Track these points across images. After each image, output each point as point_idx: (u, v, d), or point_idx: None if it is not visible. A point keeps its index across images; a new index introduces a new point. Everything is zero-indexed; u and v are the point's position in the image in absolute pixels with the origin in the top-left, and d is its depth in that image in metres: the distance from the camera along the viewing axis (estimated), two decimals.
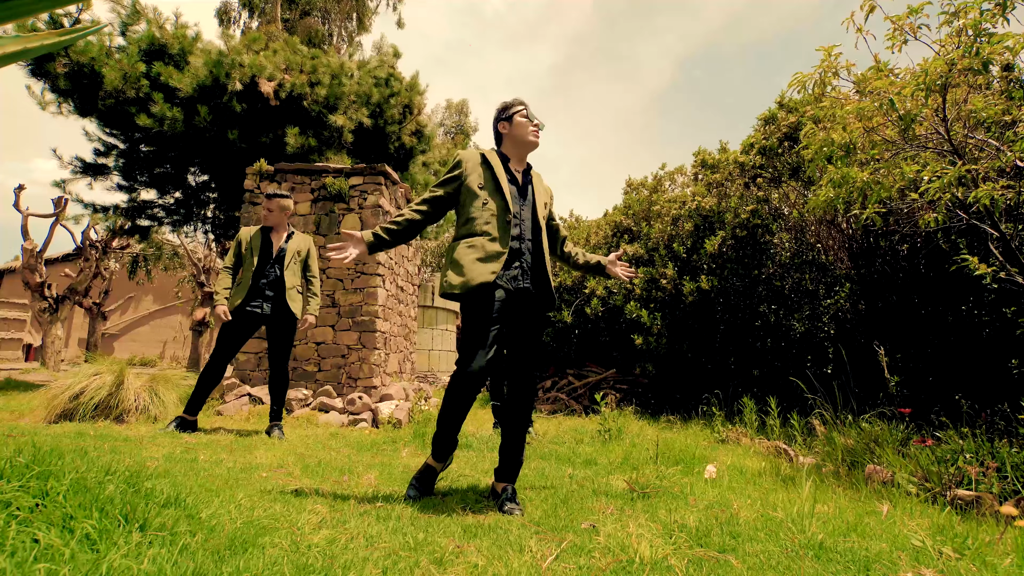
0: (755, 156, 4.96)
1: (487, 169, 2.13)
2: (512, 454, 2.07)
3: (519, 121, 2.19)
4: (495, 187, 2.10)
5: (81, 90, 6.42)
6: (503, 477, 2.06)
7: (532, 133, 2.20)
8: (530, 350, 2.11)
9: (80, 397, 4.24)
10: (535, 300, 2.12)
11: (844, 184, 2.80)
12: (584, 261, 2.37)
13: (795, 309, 5.04)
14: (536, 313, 2.13)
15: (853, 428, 3.18)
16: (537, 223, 2.16)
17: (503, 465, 2.08)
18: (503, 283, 2.02)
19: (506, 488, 2.00)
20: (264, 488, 1.97)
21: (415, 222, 2.15)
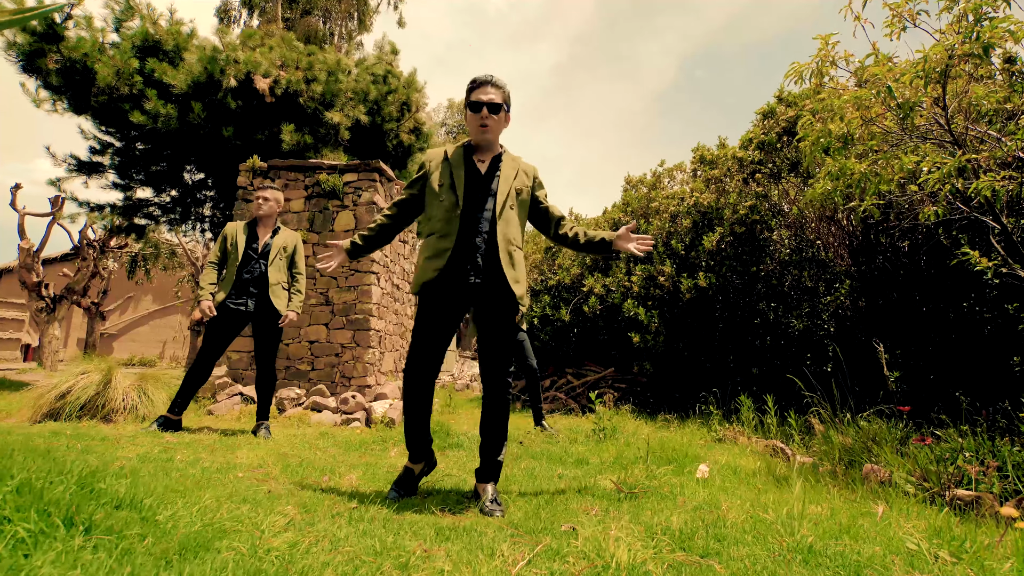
0: (753, 151, 4.87)
1: (447, 165, 2.07)
2: (490, 454, 2.01)
3: (468, 115, 2.08)
4: (451, 183, 2.05)
5: (74, 87, 6.38)
6: (483, 477, 2.01)
7: (479, 130, 2.04)
8: (492, 347, 2.02)
9: (67, 396, 4.19)
10: (489, 296, 2.00)
11: (842, 176, 2.72)
12: (587, 240, 2.14)
13: (794, 307, 4.95)
14: (493, 309, 2.01)
15: (851, 427, 3.10)
16: (501, 212, 2.02)
17: (482, 465, 2.03)
18: (447, 280, 1.98)
19: (487, 488, 1.94)
20: (236, 489, 1.90)
21: (385, 227, 2.21)
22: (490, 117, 2.02)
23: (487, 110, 2.01)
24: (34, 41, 5.87)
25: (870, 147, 2.67)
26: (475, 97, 2.03)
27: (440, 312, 2.01)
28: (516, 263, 2.02)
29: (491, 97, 2.02)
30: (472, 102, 2.04)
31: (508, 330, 2.04)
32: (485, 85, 2.03)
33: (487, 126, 2.03)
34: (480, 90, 2.03)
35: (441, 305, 2.01)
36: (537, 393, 4.24)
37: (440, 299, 2.01)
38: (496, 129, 2.06)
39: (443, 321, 2.01)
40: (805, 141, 2.81)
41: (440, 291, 2.00)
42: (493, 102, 2.02)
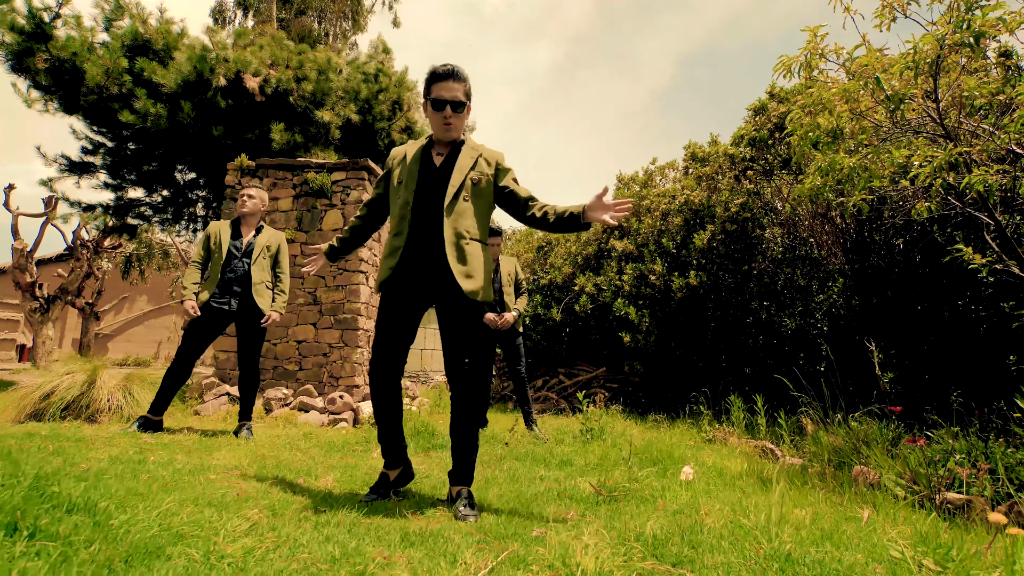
0: (745, 148, 4.82)
1: (405, 161, 2.02)
2: (460, 455, 1.96)
3: (429, 111, 1.98)
4: (408, 179, 1.99)
5: (63, 86, 6.32)
6: (456, 479, 1.96)
7: (442, 128, 1.96)
8: (451, 346, 1.95)
9: (51, 397, 4.13)
10: (442, 293, 1.94)
11: (831, 171, 2.67)
12: (556, 217, 1.95)
13: (787, 305, 4.90)
14: (448, 307, 1.95)
15: (842, 427, 3.04)
16: (451, 205, 1.92)
17: (454, 467, 1.97)
18: (400, 278, 1.96)
19: (460, 491, 1.89)
20: (204, 491, 1.85)
21: (357, 228, 2.24)
22: (454, 116, 1.94)
23: (451, 109, 1.93)
24: (22, 40, 5.81)
25: (860, 141, 2.61)
26: (437, 94, 1.93)
27: (396, 311, 1.98)
28: (468, 256, 1.91)
29: (455, 95, 1.93)
30: (434, 99, 1.93)
31: (467, 328, 1.94)
32: (447, 79, 1.93)
33: (451, 125, 1.95)
34: (442, 86, 1.92)
35: (397, 304, 1.98)
36: (525, 396, 4.19)
37: (396, 298, 1.98)
38: (459, 126, 1.99)
39: (399, 319, 1.98)
40: (794, 136, 2.76)
41: (395, 289, 1.97)
42: (457, 100, 1.93)
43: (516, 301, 4.23)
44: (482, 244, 1.99)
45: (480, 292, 1.92)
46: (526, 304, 4.27)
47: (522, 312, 4.24)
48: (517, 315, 4.12)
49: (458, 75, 1.94)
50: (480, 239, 1.99)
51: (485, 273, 1.95)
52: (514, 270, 4.30)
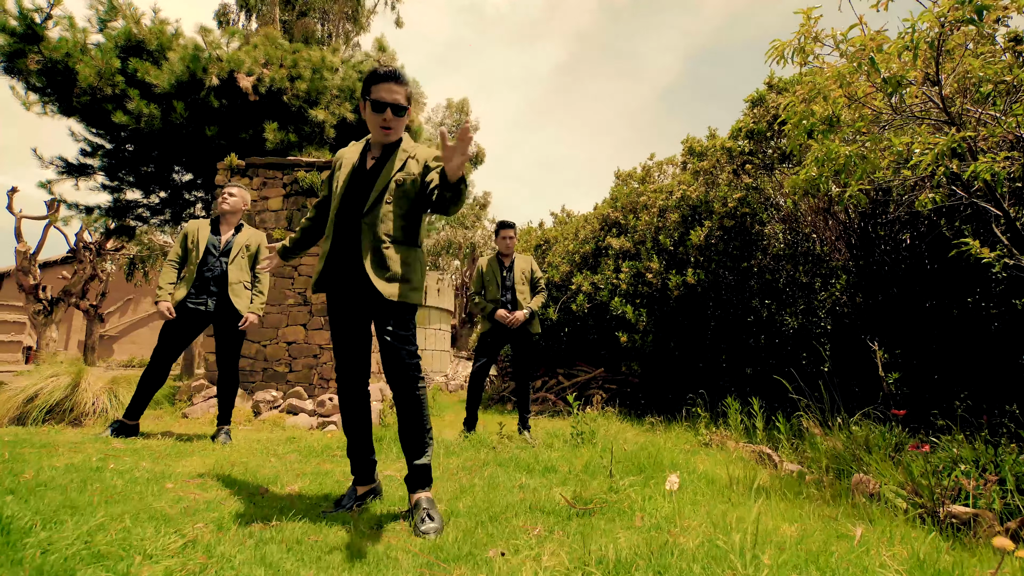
0: (743, 141, 4.65)
1: (343, 164, 2.00)
2: (410, 458, 1.88)
3: (368, 112, 1.89)
4: (340, 182, 1.97)
5: (56, 87, 6.30)
6: (411, 485, 1.87)
7: (380, 132, 1.89)
8: (382, 348, 1.88)
9: (35, 400, 4.08)
10: (367, 298, 1.88)
11: (827, 161, 2.51)
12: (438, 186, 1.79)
13: (789, 304, 4.73)
14: (375, 312, 1.89)
15: (843, 431, 2.89)
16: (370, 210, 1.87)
17: (408, 472, 1.89)
18: (328, 284, 1.95)
19: (418, 501, 1.78)
20: (152, 503, 1.74)
21: (307, 229, 2.24)
22: (394, 119, 1.89)
23: (391, 112, 1.87)
24: (14, 42, 5.79)
25: (858, 129, 2.46)
26: (377, 95, 1.85)
27: (335, 317, 1.97)
28: (388, 261, 1.85)
29: (396, 98, 1.87)
30: (375, 100, 1.85)
31: (394, 329, 1.86)
32: (389, 81, 1.86)
33: (390, 128, 1.89)
34: (384, 87, 1.85)
35: (337, 308, 1.97)
36: (526, 400, 4.04)
37: (334, 302, 1.97)
38: (398, 130, 1.94)
39: (341, 326, 1.96)
40: (788, 124, 2.61)
41: (331, 294, 1.97)
42: (398, 103, 1.88)
43: (532, 300, 4.05)
44: (409, 247, 1.93)
45: (400, 295, 1.86)
46: (542, 303, 4.08)
47: (536, 311, 4.04)
48: (529, 313, 3.95)
49: (400, 78, 1.90)
50: (406, 242, 1.92)
51: (411, 275, 1.91)
52: (529, 268, 4.16)
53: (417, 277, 1.93)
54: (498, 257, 4.12)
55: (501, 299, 3.99)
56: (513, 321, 3.86)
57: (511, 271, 4.03)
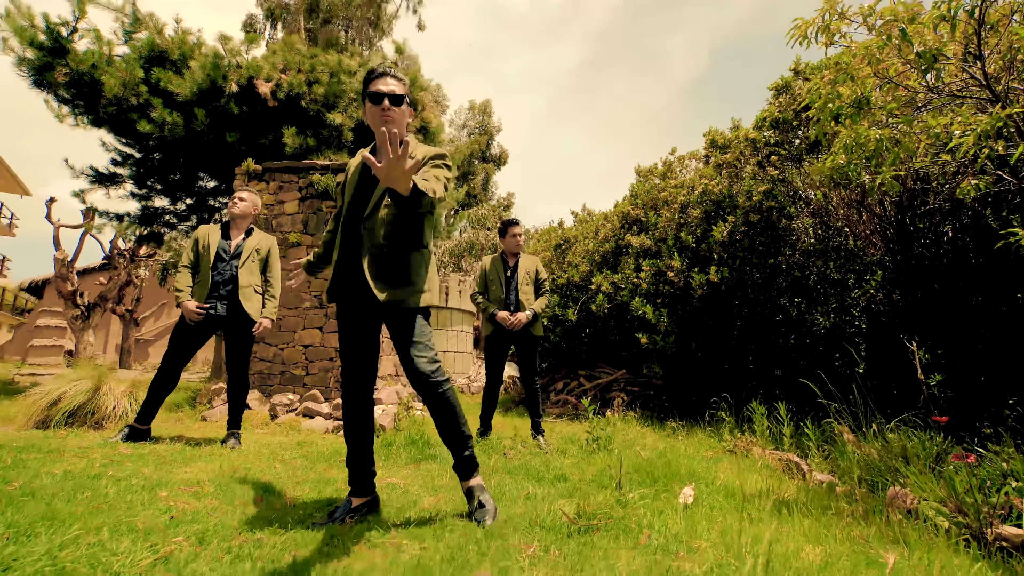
0: (768, 132, 4.42)
1: (352, 171, 2.01)
2: (456, 452, 1.99)
3: (368, 109, 1.90)
4: (348, 188, 1.99)
5: (83, 98, 6.51)
6: (461, 474, 2.00)
7: (381, 123, 1.86)
8: (400, 353, 1.94)
9: (58, 404, 4.17)
10: (374, 302, 1.90)
11: (857, 147, 2.31)
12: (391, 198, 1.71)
13: (820, 301, 4.47)
14: (386, 316, 1.94)
15: (878, 439, 2.67)
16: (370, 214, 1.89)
17: (455, 463, 2.02)
18: (337, 291, 1.96)
19: (471, 489, 1.94)
20: (139, 513, 1.70)
21: (328, 242, 2.22)
22: (392, 109, 1.88)
23: (388, 101, 1.87)
24: (43, 55, 6.00)
25: (890, 111, 2.25)
26: (374, 88, 1.88)
27: (343, 323, 1.97)
28: (389, 264, 1.88)
29: (392, 88, 1.89)
30: (371, 93, 1.88)
31: (408, 337, 1.90)
32: (384, 76, 1.91)
33: (390, 117, 1.88)
34: (379, 81, 1.89)
35: (346, 315, 1.96)
36: (536, 404, 3.91)
37: (343, 309, 1.97)
38: (399, 122, 1.92)
39: (348, 333, 1.96)
40: (812, 109, 2.42)
41: (340, 301, 1.96)
42: (394, 93, 1.89)
43: (535, 302, 3.93)
44: (413, 249, 1.93)
45: (405, 299, 1.88)
46: (546, 305, 3.94)
47: (540, 313, 3.90)
48: (532, 315, 3.82)
49: (394, 74, 1.93)
50: (409, 245, 1.92)
51: (415, 278, 1.91)
52: (534, 268, 4.03)
53: (422, 280, 1.93)
54: (503, 256, 4.00)
55: (504, 300, 3.88)
56: (514, 323, 3.74)
57: (515, 271, 3.91)
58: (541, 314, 3.90)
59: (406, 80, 1.95)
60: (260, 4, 21.59)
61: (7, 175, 19.42)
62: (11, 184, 20.02)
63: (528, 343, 3.87)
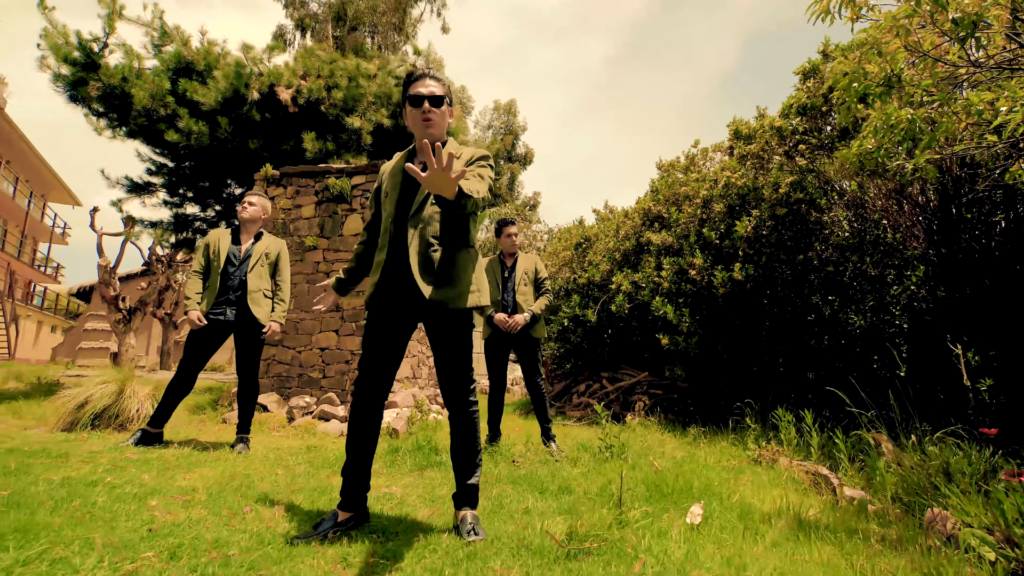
0: (796, 119, 4.14)
1: (391, 174, 1.97)
2: (461, 478, 1.94)
3: (409, 112, 1.89)
4: (392, 190, 1.92)
5: (115, 111, 6.76)
6: (458, 502, 1.93)
7: (422, 126, 1.86)
8: (441, 366, 1.94)
9: (85, 406, 4.31)
10: (421, 307, 1.87)
11: (887, 129, 2.09)
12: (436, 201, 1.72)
13: (855, 299, 4.16)
14: (429, 323, 1.91)
15: (916, 451, 2.42)
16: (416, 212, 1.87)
17: (457, 490, 1.97)
18: (382, 295, 1.90)
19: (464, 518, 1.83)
20: (117, 525, 1.67)
21: (362, 255, 2.16)
22: (432, 111, 1.85)
23: (428, 103, 1.84)
24: (76, 71, 6.26)
25: (924, 88, 2.02)
26: (414, 91, 1.87)
27: (380, 329, 1.90)
28: (436, 263, 1.83)
29: (431, 89, 1.86)
30: (411, 96, 1.87)
31: (453, 345, 1.88)
32: (424, 78, 1.89)
33: (431, 120, 1.86)
34: (419, 83, 1.88)
35: (381, 322, 1.90)
36: (544, 409, 3.77)
37: (380, 315, 1.90)
38: (440, 124, 1.89)
39: (383, 339, 1.90)
40: (835, 91, 2.21)
41: (380, 307, 1.90)
42: (435, 94, 1.86)
43: (535, 303, 3.80)
44: (460, 248, 1.89)
45: (452, 300, 1.83)
46: (546, 305, 3.79)
47: (538, 314, 3.76)
48: (531, 317, 3.69)
49: (436, 76, 1.91)
50: (456, 243, 1.89)
51: (463, 276, 1.87)
52: (533, 268, 3.89)
53: (468, 278, 1.89)
54: (500, 257, 3.89)
55: (501, 301, 3.76)
56: (511, 326, 3.62)
57: (513, 271, 3.78)
58: (541, 315, 3.76)
59: (445, 81, 1.93)
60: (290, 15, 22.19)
61: (60, 187, 20.61)
62: (64, 195, 21.23)
63: (528, 346, 3.74)
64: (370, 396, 1.90)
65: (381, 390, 1.92)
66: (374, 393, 1.91)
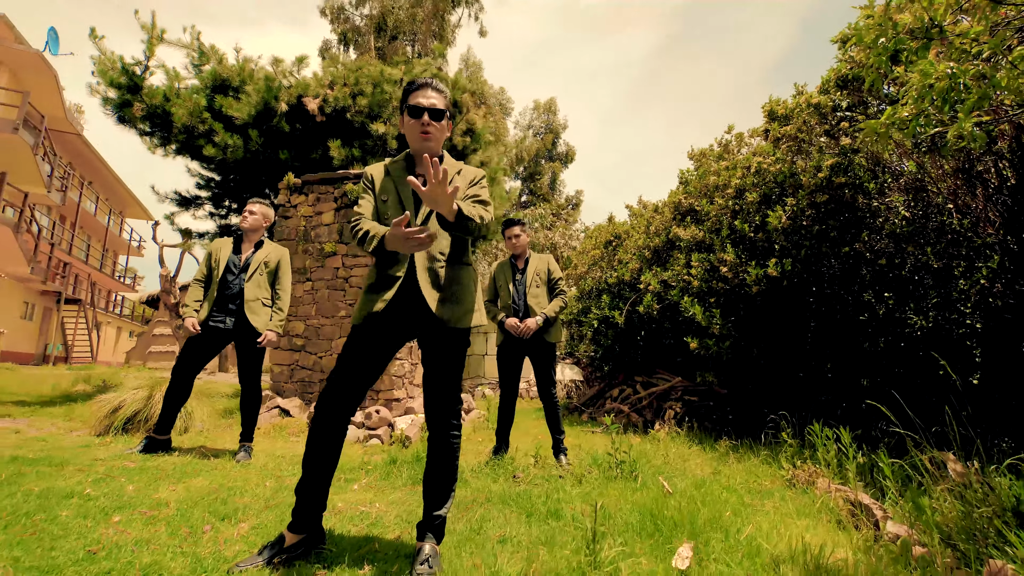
0: (836, 94, 3.66)
1: (390, 180, 1.88)
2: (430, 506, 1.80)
3: (406, 121, 1.82)
4: (398, 198, 1.83)
5: (158, 129, 7.14)
6: (420, 533, 1.76)
7: (419, 138, 1.81)
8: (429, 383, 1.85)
9: (118, 411, 4.50)
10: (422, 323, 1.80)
11: (926, 91, 1.72)
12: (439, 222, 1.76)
13: (915, 296, 3.63)
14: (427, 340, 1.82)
15: (982, 483, 1.99)
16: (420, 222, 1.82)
17: (423, 519, 1.80)
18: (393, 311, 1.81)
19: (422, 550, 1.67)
20: (60, 545, 1.62)
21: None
22: (432, 124, 1.80)
23: (428, 116, 1.79)
24: (122, 94, 6.66)
25: (974, 36, 1.63)
26: (414, 101, 1.81)
27: (364, 338, 1.78)
28: (444, 280, 1.79)
29: (432, 102, 1.81)
30: (411, 106, 1.81)
31: (447, 364, 1.80)
32: (425, 88, 1.82)
33: (429, 133, 1.81)
34: (420, 93, 1.82)
35: (367, 331, 1.79)
36: (557, 421, 3.52)
37: (368, 325, 1.79)
38: (438, 137, 1.84)
39: (367, 349, 1.78)
40: (858, 47, 1.85)
41: (379, 322, 1.78)
42: (435, 107, 1.81)
43: (548, 305, 3.54)
44: (462, 265, 1.85)
45: (455, 319, 1.77)
46: (560, 308, 3.53)
47: (551, 317, 3.50)
48: (544, 320, 3.45)
49: (436, 86, 1.84)
50: (458, 260, 1.85)
51: (465, 295, 1.83)
52: (545, 269, 3.65)
53: (471, 298, 1.85)
54: (511, 259, 3.67)
55: (512, 305, 3.53)
56: (523, 331, 3.39)
57: (524, 273, 3.55)
58: (556, 318, 3.50)
59: (447, 92, 1.88)
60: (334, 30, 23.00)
61: (135, 204, 22.40)
62: (138, 211, 23.06)
63: (541, 351, 3.49)
64: (339, 412, 1.78)
65: (352, 406, 1.80)
66: (343, 409, 1.78)
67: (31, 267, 13.86)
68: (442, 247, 1.81)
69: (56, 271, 16.30)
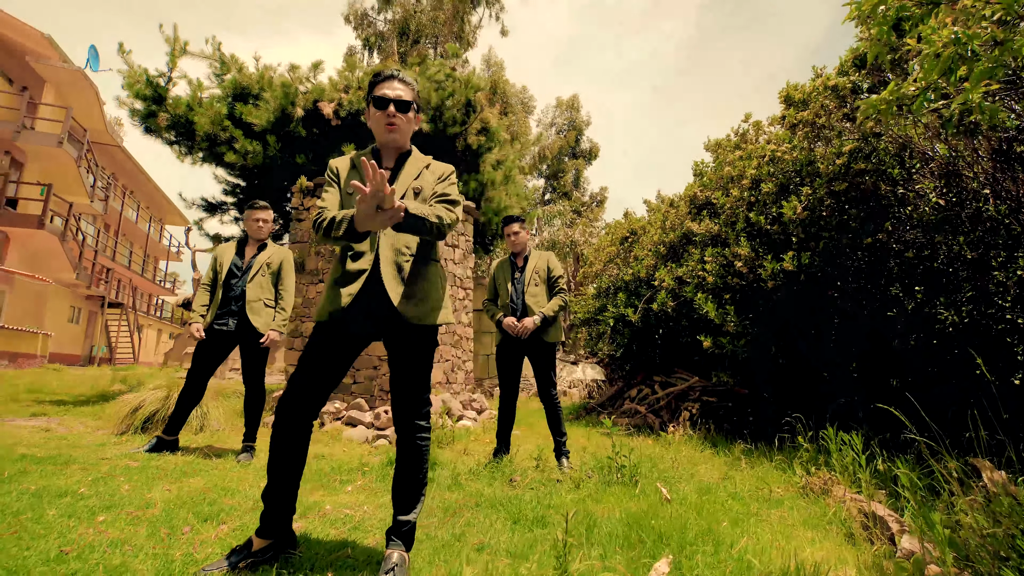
0: (855, 75, 3.42)
1: (355, 173, 1.82)
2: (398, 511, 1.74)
3: (371, 113, 1.79)
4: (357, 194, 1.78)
5: (184, 137, 7.38)
6: (389, 540, 1.71)
7: (385, 130, 1.77)
8: (396, 383, 1.80)
9: (138, 411, 4.64)
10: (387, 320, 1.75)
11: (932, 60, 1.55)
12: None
13: (946, 289, 3.37)
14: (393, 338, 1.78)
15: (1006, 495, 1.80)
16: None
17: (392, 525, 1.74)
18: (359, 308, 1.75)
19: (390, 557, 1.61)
20: (34, 547, 1.64)
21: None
22: (397, 116, 1.77)
23: (394, 107, 1.76)
24: (148, 105, 6.91)
25: None
26: (380, 92, 1.77)
27: (329, 337, 1.74)
28: (409, 275, 1.74)
29: (399, 93, 1.77)
30: (376, 98, 1.77)
31: (414, 363, 1.75)
32: (391, 80, 1.80)
33: (394, 125, 1.77)
34: (385, 84, 1.78)
35: (331, 328, 1.74)
36: (558, 423, 3.41)
37: (339, 329, 1.73)
38: (405, 129, 1.81)
39: (333, 348, 1.74)
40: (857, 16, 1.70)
41: (343, 320, 1.73)
42: (401, 99, 1.77)
43: (547, 304, 3.45)
44: (429, 261, 1.81)
45: (420, 316, 1.72)
46: (559, 307, 3.43)
47: (550, 316, 3.39)
48: (542, 319, 3.35)
49: (402, 78, 1.82)
50: (426, 256, 1.80)
51: (432, 292, 1.78)
52: (545, 266, 3.55)
53: (437, 295, 1.81)
54: (511, 257, 3.58)
55: (510, 304, 3.45)
56: (521, 331, 3.29)
57: (523, 271, 3.46)
58: (555, 317, 3.40)
59: (415, 85, 1.83)
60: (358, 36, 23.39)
61: (173, 211, 23.38)
62: (176, 218, 24.06)
63: (540, 351, 3.39)
64: (302, 415, 1.73)
65: (314, 410, 1.75)
66: (306, 412, 1.74)
67: (76, 273, 14.61)
68: (408, 241, 1.76)
69: (100, 276, 17.15)
